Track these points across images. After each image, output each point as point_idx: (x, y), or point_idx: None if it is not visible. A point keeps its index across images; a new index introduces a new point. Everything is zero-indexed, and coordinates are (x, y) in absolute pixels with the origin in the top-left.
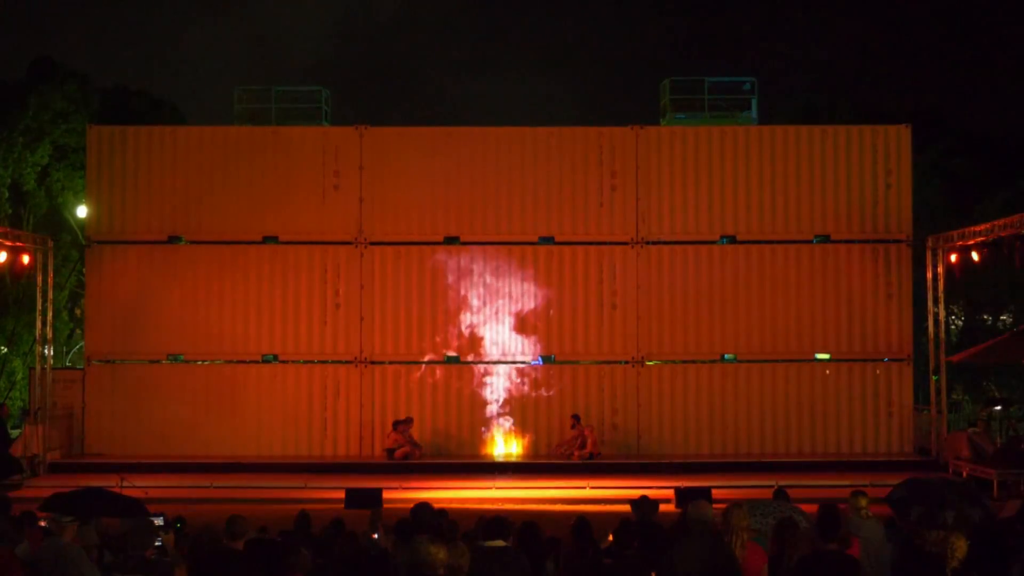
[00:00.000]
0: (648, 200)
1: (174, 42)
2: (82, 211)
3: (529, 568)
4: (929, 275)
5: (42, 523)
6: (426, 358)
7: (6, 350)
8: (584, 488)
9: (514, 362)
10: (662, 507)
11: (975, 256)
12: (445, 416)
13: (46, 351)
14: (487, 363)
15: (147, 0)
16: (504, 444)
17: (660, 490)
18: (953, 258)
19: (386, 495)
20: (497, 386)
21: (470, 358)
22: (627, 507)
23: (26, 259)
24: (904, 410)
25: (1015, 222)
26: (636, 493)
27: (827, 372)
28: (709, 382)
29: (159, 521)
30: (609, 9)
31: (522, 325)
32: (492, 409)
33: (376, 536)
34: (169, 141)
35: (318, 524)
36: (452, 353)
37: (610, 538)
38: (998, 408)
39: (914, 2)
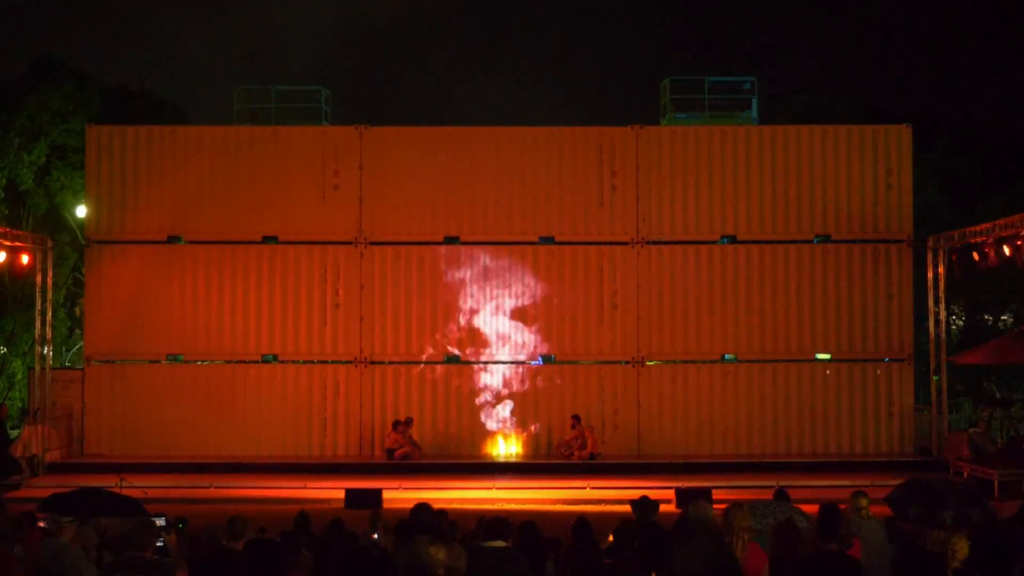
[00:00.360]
0: (648, 200)
1: (174, 42)
2: (81, 211)
3: (529, 568)
4: (930, 275)
5: (41, 523)
6: (425, 358)
7: (5, 350)
8: (584, 488)
9: (514, 362)
10: (662, 507)
11: (975, 256)
12: (445, 416)
13: (45, 351)
14: (487, 363)
15: (148, 0)
16: (504, 444)
17: (660, 490)
18: (954, 258)
19: (386, 495)
20: (497, 386)
21: (470, 358)
22: (627, 507)
23: (25, 259)
24: (905, 410)
25: (1015, 222)
26: (636, 493)
27: (827, 372)
28: (709, 382)
29: (161, 521)
30: (609, 9)
31: (522, 325)
32: (492, 408)
33: (376, 536)
34: (169, 141)
35: (318, 524)
36: (452, 353)
37: (610, 538)
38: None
39: (914, 2)
